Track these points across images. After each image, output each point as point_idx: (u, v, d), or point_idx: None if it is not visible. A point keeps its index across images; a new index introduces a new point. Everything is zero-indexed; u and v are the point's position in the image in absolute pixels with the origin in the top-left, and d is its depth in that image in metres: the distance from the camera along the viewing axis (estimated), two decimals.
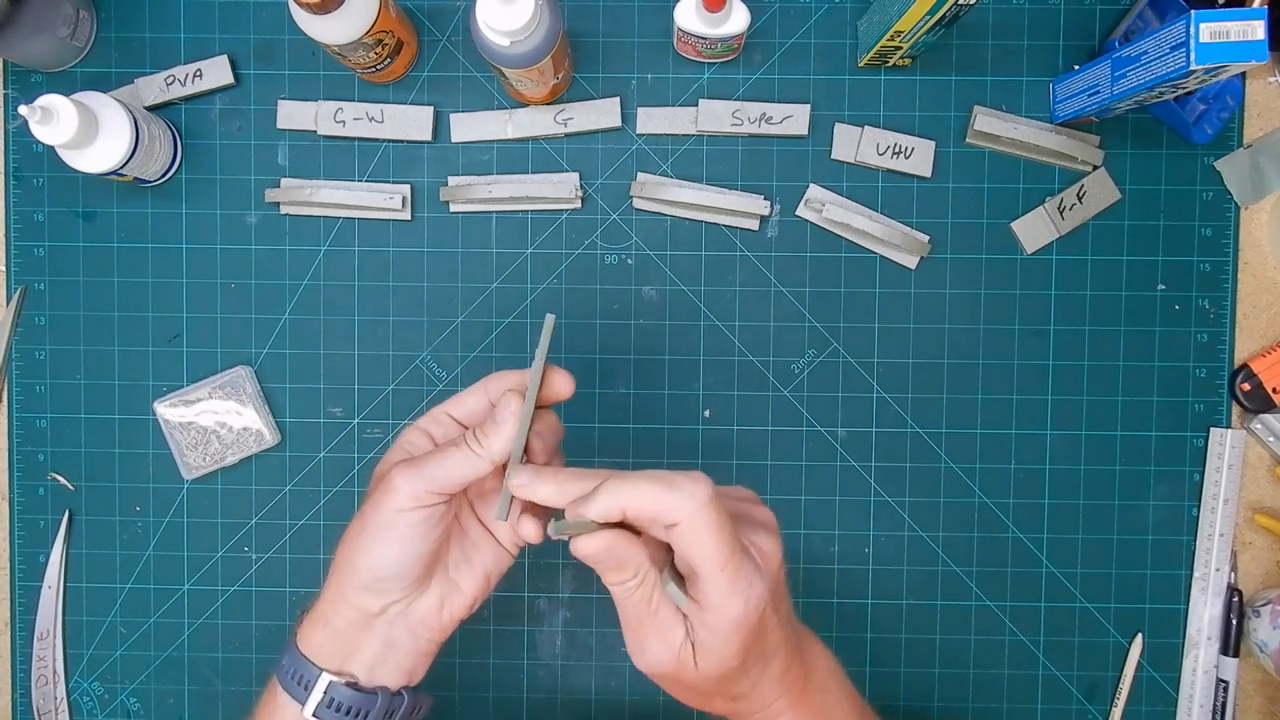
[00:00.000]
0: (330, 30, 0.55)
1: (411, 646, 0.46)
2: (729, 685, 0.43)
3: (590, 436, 0.67)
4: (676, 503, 0.38)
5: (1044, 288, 0.66)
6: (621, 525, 0.40)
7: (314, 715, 0.44)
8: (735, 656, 0.41)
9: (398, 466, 0.44)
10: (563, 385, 0.45)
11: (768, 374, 0.66)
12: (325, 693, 0.44)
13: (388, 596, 0.45)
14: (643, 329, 0.66)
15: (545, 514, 0.45)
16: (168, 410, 0.66)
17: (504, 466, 0.44)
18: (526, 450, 0.45)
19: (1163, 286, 0.66)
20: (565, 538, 0.40)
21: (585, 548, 0.40)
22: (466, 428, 0.47)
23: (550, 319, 0.45)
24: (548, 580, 0.67)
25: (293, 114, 0.65)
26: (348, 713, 0.44)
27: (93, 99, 0.59)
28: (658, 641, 0.41)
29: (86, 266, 0.66)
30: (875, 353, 0.66)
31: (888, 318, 0.66)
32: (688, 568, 0.40)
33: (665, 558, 0.42)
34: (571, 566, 0.67)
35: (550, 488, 0.42)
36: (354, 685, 0.45)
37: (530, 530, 0.44)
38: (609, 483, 0.39)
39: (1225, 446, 0.65)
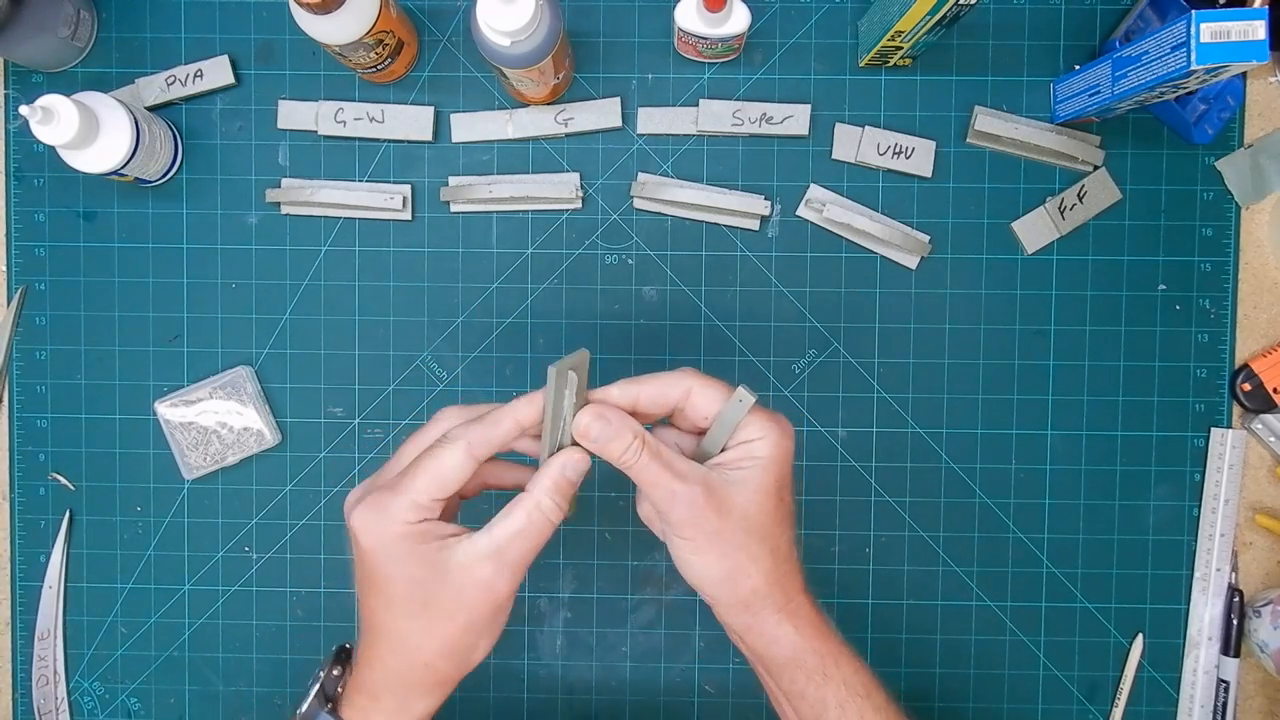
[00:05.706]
0: (331, 30, 0.55)
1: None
2: (763, 535, 0.45)
3: None
4: (676, 380, 0.45)
5: (1044, 288, 0.66)
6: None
7: None
8: (770, 494, 0.44)
9: (488, 561, 0.43)
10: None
11: (768, 374, 0.66)
12: None
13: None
14: (643, 329, 0.66)
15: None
16: (168, 410, 0.66)
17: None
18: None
19: (1163, 286, 0.66)
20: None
21: (583, 425, 0.44)
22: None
23: (575, 369, 0.44)
24: (548, 580, 0.67)
25: (293, 114, 0.65)
26: None
27: (93, 99, 0.59)
28: (680, 484, 0.43)
29: (87, 266, 0.66)
30: (876, 353, 0.66)
31: (888, 318, 0.66)
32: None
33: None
34: (572, 567, 0.67)
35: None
36: None
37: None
38: (620, 382, 0.45)
39: (1226, 446, 0.65)
